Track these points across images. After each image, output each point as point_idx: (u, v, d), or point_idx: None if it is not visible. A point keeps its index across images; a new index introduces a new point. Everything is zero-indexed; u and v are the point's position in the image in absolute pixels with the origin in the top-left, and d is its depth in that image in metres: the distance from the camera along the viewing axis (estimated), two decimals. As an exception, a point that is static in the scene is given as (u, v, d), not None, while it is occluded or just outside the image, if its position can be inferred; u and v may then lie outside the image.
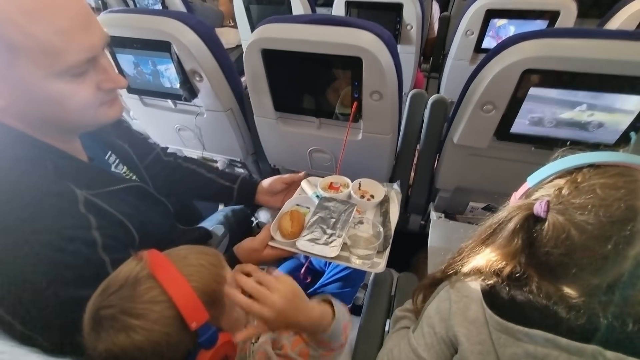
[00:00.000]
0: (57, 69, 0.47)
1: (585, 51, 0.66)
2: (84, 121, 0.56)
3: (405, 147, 1.13)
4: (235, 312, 0.55)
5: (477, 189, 1.09)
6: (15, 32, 0.43)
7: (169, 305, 0.43)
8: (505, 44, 0.74)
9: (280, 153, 1.18)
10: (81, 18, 0.48)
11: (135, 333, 0.42)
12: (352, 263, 0.73)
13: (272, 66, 0.89)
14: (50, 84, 0.48)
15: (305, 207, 0.87)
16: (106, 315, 0.43)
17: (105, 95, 0.56)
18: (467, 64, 1.61)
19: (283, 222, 0.78)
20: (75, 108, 0.52)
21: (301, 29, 0.81)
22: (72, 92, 0.50)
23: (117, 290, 0.44)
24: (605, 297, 0.43)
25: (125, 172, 0.74)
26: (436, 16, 2.36)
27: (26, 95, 0.48)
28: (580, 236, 0.41)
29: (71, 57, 0.47)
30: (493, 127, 0.84)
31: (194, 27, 0.95)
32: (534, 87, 0.73)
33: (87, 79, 0.52)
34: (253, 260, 0.76)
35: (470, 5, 1.48)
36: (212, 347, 0.46)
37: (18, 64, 0.45)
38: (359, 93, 0.86)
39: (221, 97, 1.07)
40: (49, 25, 0.45)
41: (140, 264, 0.47)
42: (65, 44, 0.46)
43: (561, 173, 0.47)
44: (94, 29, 0.51)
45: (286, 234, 0.77)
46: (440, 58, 2.39)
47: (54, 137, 0.56)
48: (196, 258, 0.50)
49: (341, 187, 0.90)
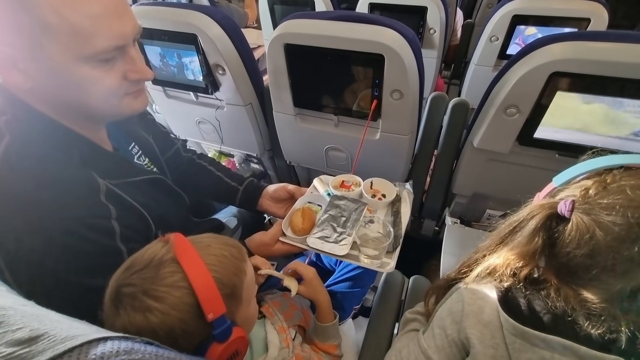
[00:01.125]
0: (85, 52, 0.48)
1: (620, 55, 0.64)
2: (107, 110, 0.56)
3: (423, 149, 1.11)
4: (250, 308, 0.54)
5: (495, 195, 1.06)
6: (50, 13, 0.44)
7: (189, 293, 0.43)
8: (534, 46, 0.72)
9: (296, 150, 1.18)
10: (115, 6, 0.49)
11: (152, 315, 0.42)
12: (361, 262, 0.72)
13: (294, 61, 0.89)
14: (77, 68, 0.48)
15: (317, 204, 0.87)
16: (127, 293, 0.43)
17: (130, 86, 0.56)
18: (490, 71, 1.58)
19: (294, 218, 0.79)
20: (99, 95, 0.52)
21: (324, 25, 0.82)
22: (97, 78, 0.51)
23: (141, 269, 0.44)
24: (627, 304, 0.41)
25: (147, 164, 0.75)
26: (460, 23, 2.33)
27: (54, 77, 0.49)
28: (605, 237, 0.40)
29: (100, 43, 0.48)
30: (516, 132, 0.82)
31: (220, 21, 0.97)
32: (561, 92, 0.71)
33: (115, 68, 0.52)
34: (263, 253, 0.77)
35: (496, 11, 1.46)
36: (225, 341, 0.46)
37: (49, 45, 0.46)
38: (379, 91, 0.85)
39: (242, 92, 1.09)
40: (82, 8, 0.46)
41: (166, 246, 0.47)
42: (96, 28, 0.47)
43: (589, 174, 0.45)
44: (126, 18, 0.51)
45: (297, 230, 0.77)
46: (462, 65, 2.36)
47: (80, 124, 0.57)
48: (219, 248, 0.50)
49: (353, 186, 0.89)
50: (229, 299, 0.47)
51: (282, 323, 0.65)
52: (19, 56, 0.47)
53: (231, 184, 0.94)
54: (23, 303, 0.27)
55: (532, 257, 0.47)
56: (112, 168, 0.59)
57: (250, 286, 0.53)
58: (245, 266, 0.52)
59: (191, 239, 0.49)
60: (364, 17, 0.81)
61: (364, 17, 0.81)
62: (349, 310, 0.93)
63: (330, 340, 0.71)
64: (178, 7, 0.98)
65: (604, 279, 0.42)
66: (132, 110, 0.59)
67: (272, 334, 0.62)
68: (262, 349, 0.60)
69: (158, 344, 0.26)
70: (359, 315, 1.03)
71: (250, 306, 0.54)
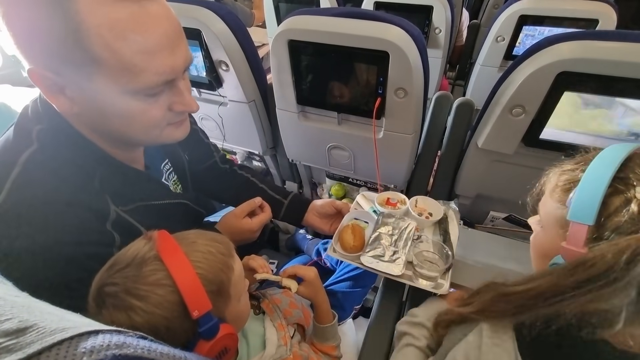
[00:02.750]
0: (133, 87, 0.47)
1: (630, 55, 0.63)
2: (148, 140, 0.55)
3: (427, 149, 1.10)
4: (241, 304, 0.54)
5: (499, 197, 1.05)
6: (102, 47, 0.42)
7: (173, 290, 0.43)
8: (541, 45, 0.71)
9: (299, 148, 1.18)
10: (168, 39, 0.47)
11: (135, 314, 0.41)
12: (418, 283, 0.73)
13: (298, 58, 0.89)
14: (122, 100, 0.48)
15: (364, 221, 0.88)
16: (109, 292, 0.42)
17: (174, 117, 0.55)
18: (495, 71, 1.56)
19: (345, 235, 0.80)
20: (142, 126, 0.52)
21: (329, 22, 0.81)
22: (142, 110, 0.50)
23: (123, 268, 0.44)
24: None
25: (174, 182, 0.75)
26: (465, 23, 2.32)
27: (97, 106, 0.48)
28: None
29: (149, 78, 0.47)
30: (521, 132, 0.81)
31: (224, 17, 0.96)
32: (568, 92, 0.70)
33: (160, 99, 0.51)
34: (235, 232, 0.76)
35: (502, 11, 1.44)
36: (212, 339, 0.45)
37: (97, 78, 0.45)
38: (384, 89, 0.84)
39: (245, 89, 1.08)
40: (135, 43, 0.44)
41: (148, 244, 0.46)
42: (147, 64, 0.46)
43: (611, 190, 0.39)
44: (179, 51, 0.49)
45: (348, 248, 0.78)
46: (467, 66, 2.35)
47: (114, 144, 0.56)
48: (205, 244, 0.49)
49: (398, 204, 0.90)
50: (215, 295, 0.47)
51: (282, 320, 0.65)
52: (67, 84, 0.46)
53: (275, 197, 0.93)
54: (15, 294, 0.26)
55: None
56: (133, 191, 0.59)
57: (239, 282, 0.53)
58: (232, 262, 0.51)
59: (176, 236, 0.49)
60: (370, 14, 0.81)
61: (370, 14, 0.81)
62: (349, 310, 0.93)
63: (329, 342, 0.70)
64: (182, 3, 0.98)
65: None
66: (173, 139, 0.58)
67: (270, 331, 0.61)
68: (260, 345, 0.59)
69: (152, 338, 0.26)
70: (360, 315, 1.02)
71: (241, 303, 0.54)
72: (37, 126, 0.51)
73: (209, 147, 0.91)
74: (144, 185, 0.63)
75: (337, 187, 1.34)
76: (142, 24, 0.44)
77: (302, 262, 1.11)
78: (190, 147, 0.79)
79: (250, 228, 0.76)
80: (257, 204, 0.80)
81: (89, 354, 0.20)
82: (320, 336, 0.70)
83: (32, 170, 0.48)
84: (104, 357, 0.21)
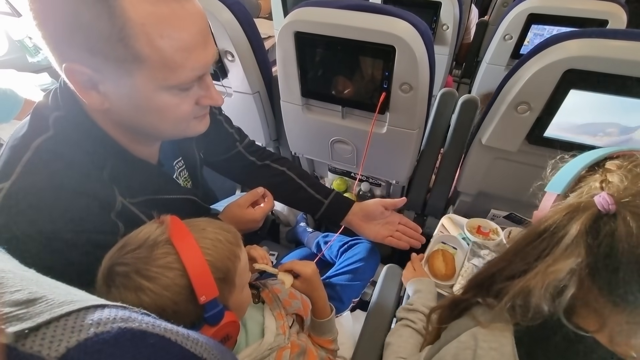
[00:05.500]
0: (170, 83, 0.47)
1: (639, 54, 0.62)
2: (176, 133, 0.57)
3: (430, 146, 1.10)
4: (243, 294, 0.55)
5: (500, 195, 1.05)
6: (145, 45, 0.43)
7: (182, 274, 0.43)
8: (548, 42, 0.71)
9: (302, 141, 1.18)
10: (202, 35, 0.48)
11: (144, 294, 0.42)
12: None
13: (303, 50, 0.88)
14: (157, 95, 0.48)
15: (452, 246, 0.87)
16: (120, 272, 0.43)
17: (200, 110, 0.56)
18: (502, 70, 1.55)
19: (435, 261, 0.80)
20: (173, 120, 0.53)
21: (336, 14, 0.81)
22: (174, 105, 0.51)
23: (135, 249, 0.45)
24: None
25: (185, 179, 0.76)
26: (474, 21, 2.30)
27: (131, 102, 0.49)
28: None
29: (185, 74, 0.48)
30: (526, 130, 0.81)
31: (231, 6, 0.96)
32: (574, 90, 0.69)
33: (190, 94, 0.52)
34: (239, 220, 0.76)
35: (511, 9, 1.43)
36: (216, 325, 0.46)
37: (136, 74, 0.45)
38: (389, 84, 0.84)
39: (250, 79, 1.08)
40: (175, 40, 0.45)
41: (160, 227, 0.47)
42: (185, 60, 0.46)
43: (587, 172, 0.42)
44: (210, 47, 0.50)
45: (439, 275, 0.79)
46: (474, 65, 2.33)
47: (136, 139, 0.57)
48: (214, 232, 0.50)
49: (491, 233, 0.88)
50: (222, 283, 0.47)
51: (281, 310, 0.66)
52: (103, 80, 0.46)
53: (315, 196, 0.92)
54: (24, 269, 0.27)
55: (569, 279, 0.38)
56: (142, 184, 0.59)
57: (244, 272, 0.53)
58: (239, 251, 0.52)
59: (187, 222, 0.49)
60: (377, 7, 0.80)
61: (377, 7, 0.80)
62: (347, 302, 0.93)
63: (325, 335, 0.71)
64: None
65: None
66: (196, 132, 0.59)
67: (269, 320, 0.62)
68: (259, 333, 0.60)
69: (155, 316, 0.26)
70: (357, 308, 1.03)
71: (243, 292, 0.54)
72: (55, 113, 0.51)
73: (232, 136, 0.90)
74: (154, 180, 0.63)
75: (339, 181, 1.34)
76: (182, 21, 0.45)
77: (302, 254, 1.12)
78: (208, 139, 0.79)
79: (253, 218, 0.77)
80: (259, 194, 0.80)
81: (96, 326, 0.21)
82: (317, 330, 0.71)
83: (43, 155, 0.49)
84: (110, 329, 0.21)
